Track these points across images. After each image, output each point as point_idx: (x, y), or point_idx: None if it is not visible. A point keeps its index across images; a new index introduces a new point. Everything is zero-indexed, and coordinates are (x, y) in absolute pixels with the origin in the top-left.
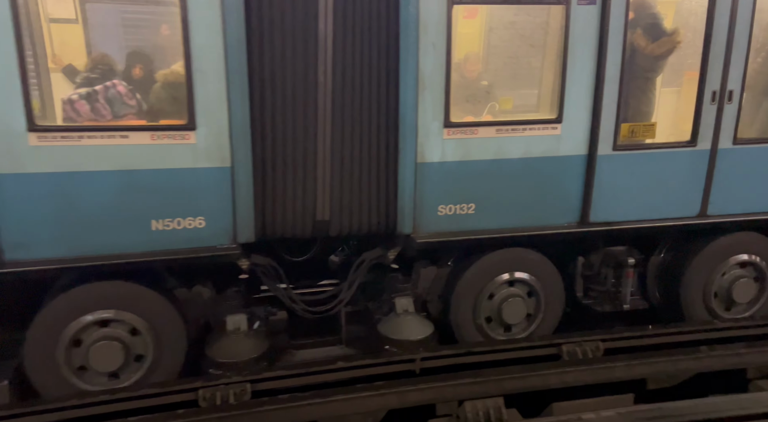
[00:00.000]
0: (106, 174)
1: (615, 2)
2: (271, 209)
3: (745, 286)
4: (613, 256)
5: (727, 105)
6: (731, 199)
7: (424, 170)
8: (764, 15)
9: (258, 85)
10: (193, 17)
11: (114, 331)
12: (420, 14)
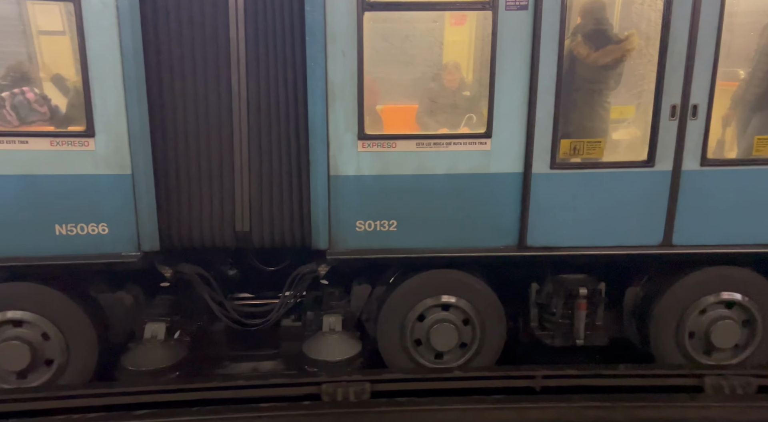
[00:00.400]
0: (7, 178)
1: (548, 7)
2: (180, 218)
3: (727, 329)
4: (564, 285)
5: (691, 121)
6: (704, 228)
7: (339, 183)
8: (739, 19)
9: (161, 94)
10: (88, 24)
11: (22, 332)
12: (327, 21)
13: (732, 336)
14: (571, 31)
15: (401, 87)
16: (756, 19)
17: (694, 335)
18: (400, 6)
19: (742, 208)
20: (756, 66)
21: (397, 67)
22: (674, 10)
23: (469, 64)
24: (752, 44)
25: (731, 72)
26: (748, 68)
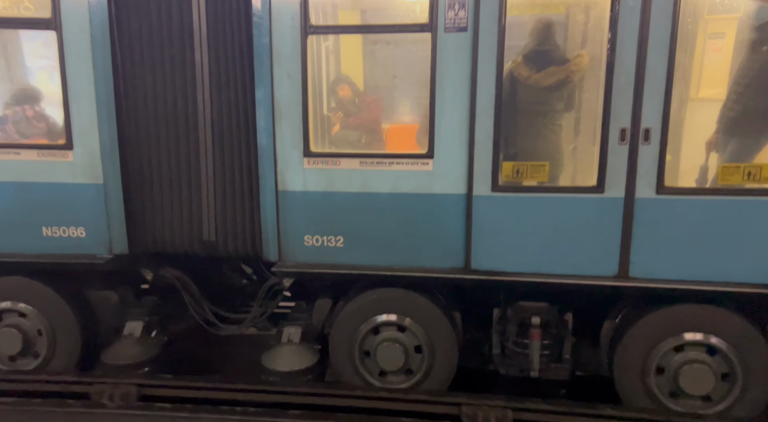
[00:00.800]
0: (4, 184)
1: (485, 28)
2: (148, 225)
3: (697, 374)
4: (518, 313)
5: (644, 146)
6: (665, 261)
7: (286, 198)
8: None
9: (131, 111)
10: (67, 49)
11: (14, 319)
12: (273, 44)
13: (703, 382)
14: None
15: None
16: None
17: (662, 376)
18: (341, 29)
19: (708, 242)
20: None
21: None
22: (620, 29)
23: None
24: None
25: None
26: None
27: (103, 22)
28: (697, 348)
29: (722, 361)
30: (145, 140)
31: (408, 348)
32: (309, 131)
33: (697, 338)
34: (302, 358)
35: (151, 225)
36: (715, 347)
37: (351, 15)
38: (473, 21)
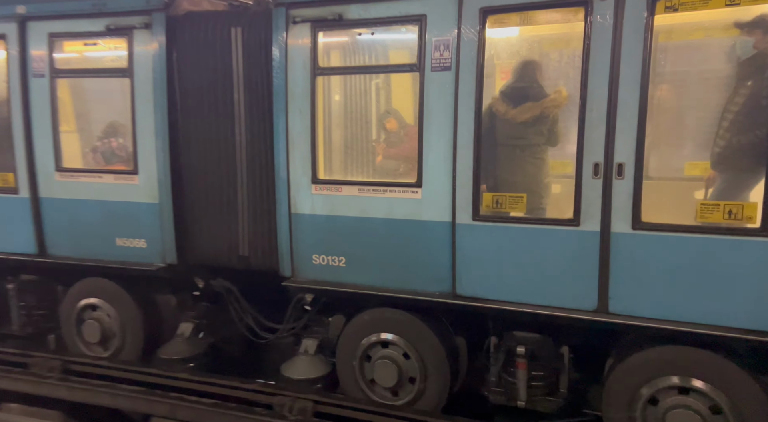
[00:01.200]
0: (91, 202)
1: (465, 67)
2: (194, 240)
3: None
4: (507, 342)
5: (618, 181)
6: (645, 298)
7: (298, 220)
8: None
9: (183, 141)
10: (137, 90)
11: (96, 314)
12: (288, 84)
13: None
14: (495, 88)
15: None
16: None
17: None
18: (343, 70)
19: (687, 281)
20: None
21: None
22: (591, 66)
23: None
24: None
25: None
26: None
27: (162, 70)
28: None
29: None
30: (192, 167)
31: (402, 368)
32: (317, 160)
33: (683, 383)
34: (315, 368)
35: (197, 240)
36: (702, 392)
37: (356, 58)
38: (455, 61)
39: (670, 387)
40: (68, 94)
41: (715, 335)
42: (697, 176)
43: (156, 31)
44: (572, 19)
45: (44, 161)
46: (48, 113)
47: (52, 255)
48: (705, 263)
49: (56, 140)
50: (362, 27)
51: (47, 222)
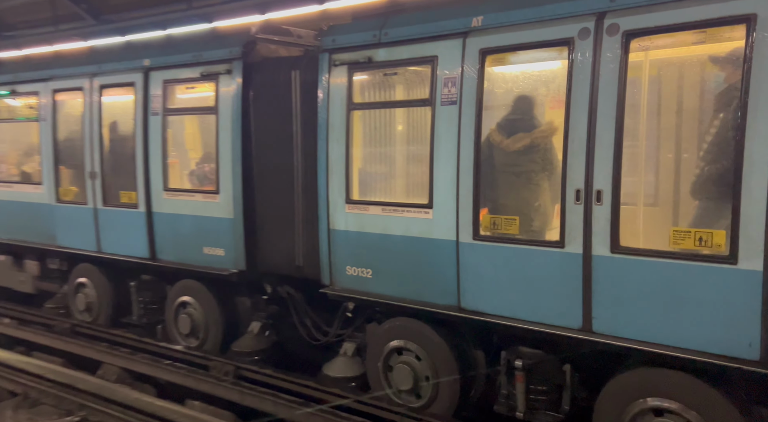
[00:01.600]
0: (187, 216)
1: (467, 101)
2: (260, 251)
3: None
4: (509, 355)
5: (597, 206)
6: (624, 319)
7: (335, 235)
8: None
9: (253, 166)
10: (220, 124)
11: (188, 310)
12: (329, 118)
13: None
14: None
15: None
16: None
17: None
18: (371, 105)
19: (664, 304)
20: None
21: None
22: (573, 99)
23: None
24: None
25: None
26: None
27: (238, 108)
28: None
29: None
30: (261, 188)
31: (418, 373)
32: (350, 183)
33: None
34: (351, 368)
35: (264, 250)
36: (676, 412)
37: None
38: (459, 96)
39: (649, 408)
40: (174, 128)
41: (684, 358)
42: (673, 203)
43: (235, 75)
44: (557, 57)
45: (156, 182)
46: (159, 143)
47: (160, 260)
48: (678, 288)
49: (165, 165)
50: (387, 68)
51: (157, 232)
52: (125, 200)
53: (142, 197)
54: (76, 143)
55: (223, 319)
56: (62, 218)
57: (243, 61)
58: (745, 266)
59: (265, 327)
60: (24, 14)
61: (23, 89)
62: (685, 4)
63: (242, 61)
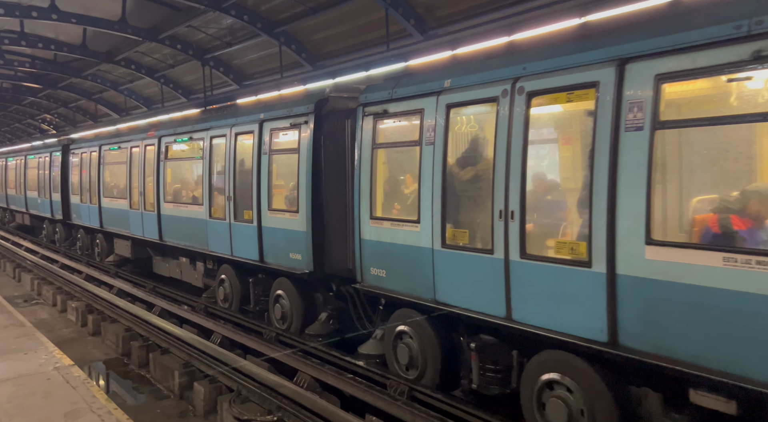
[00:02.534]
0: (281, 230)
1: (438, 142)
2: (325, 257)
3: (555, 407)
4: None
5: (511, 222)
6: (530, 310)
7: (364, 243)
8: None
9: (320, 191)
10: (300, 160)
11: (281, 301)
12: (361, 155)
13: (560, 414)
14: (453, 157)
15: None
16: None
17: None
18: (385, 145)
19: (553, 299)
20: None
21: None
22: (497, 141)
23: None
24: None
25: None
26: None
27: (310, 149)
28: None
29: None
30: (326, 208)
31: (412, 349)
32: (373, 204)
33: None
34: (377, 349)
35: (327, 256)
36: (569, 386)
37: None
38: (434, 139)
39: (544, 383)
40: (277, 164)
41: (564, 340)
42: (557, 220)
43: (310, 124)
44: (490, 110)
45: (264, 204)
46: (267, 175)
47: (266, 262)
48: (560, 286)
49: (270, 191)
50: (396, 117)
51: (264, 241)
52: (247, 217)
53: (255, 214)
54: (222, 175)
55: (303, 309)
56: (212, 230)
57: (315, 114)
58: (596, 269)
59: (330, 316)
60: (258, 65)
61: (196, 136)
62: (560, 73)
63: (314, 114)
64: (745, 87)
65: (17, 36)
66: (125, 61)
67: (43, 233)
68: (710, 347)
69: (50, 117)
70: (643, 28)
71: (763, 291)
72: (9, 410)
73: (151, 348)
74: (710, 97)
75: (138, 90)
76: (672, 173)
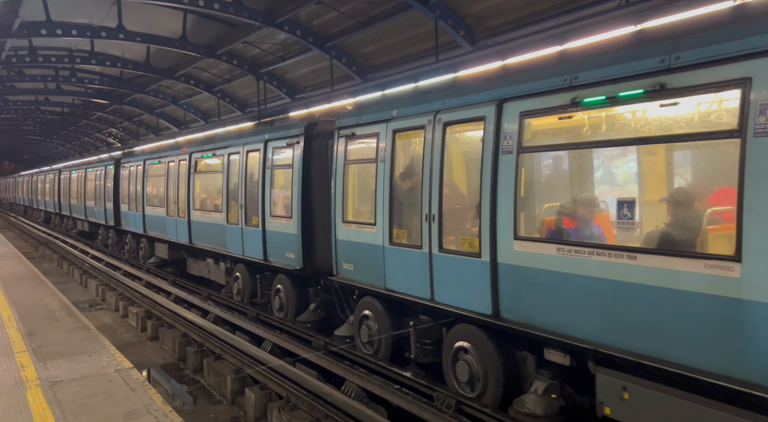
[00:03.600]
0: (279, 233)
1: (387, 160)
2: (313, 255)
3: (461, 367)
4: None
5: (433, 224)
6: (447, 292)
7: (338, 243)
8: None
9: (308, 200)
10: (294, 175)
11: (279, 294)
12: (336, 169)
13: (464, 374)
14: (398, 172)
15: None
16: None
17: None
18: (351, 161)
19: (460, 283)
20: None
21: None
22: (424, 161)
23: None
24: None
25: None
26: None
27: (300, 164)
28: (464, 352)
29: (475, 359)
30: (314, 214)
31: (372, 330)
32: (345, 210)
33: (463, 345)
34: (350, 331)
35: (314, 255)
36: (469, 351)
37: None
38: (385, 156)
39: (455, 350)
40: (276, 177)
41: (468, 316)
42: (463, 221)
43: (301, 144)
44: (422, 135)
45: (267, 211)
46: (269, 187)
47: (270, 261)
48: (463, 272)
49: (272, 200)
50: (361, 139)
51: (267, 243)
52: (254, 222)
53: (261, 219)
54: (236, 186)
55: (297, 300)
56: (228, 234)
57: (305, 135)
58: (484, 259)
59: (317, 306)
60: (310, 79)
61: (218, 153)
62: (464, 108)
63: (304, 135)
64: (568, 123)
65: (88, 55)
66: (185, 77)
67: (99, 238)
68: (552, 315)
69: (115, 131)
70: (514, 78)
71: (578, 272)
72: (74, 409)
73: (206, 354)
74: (551, 129)
75: (196, 104)
76: (530, 185)
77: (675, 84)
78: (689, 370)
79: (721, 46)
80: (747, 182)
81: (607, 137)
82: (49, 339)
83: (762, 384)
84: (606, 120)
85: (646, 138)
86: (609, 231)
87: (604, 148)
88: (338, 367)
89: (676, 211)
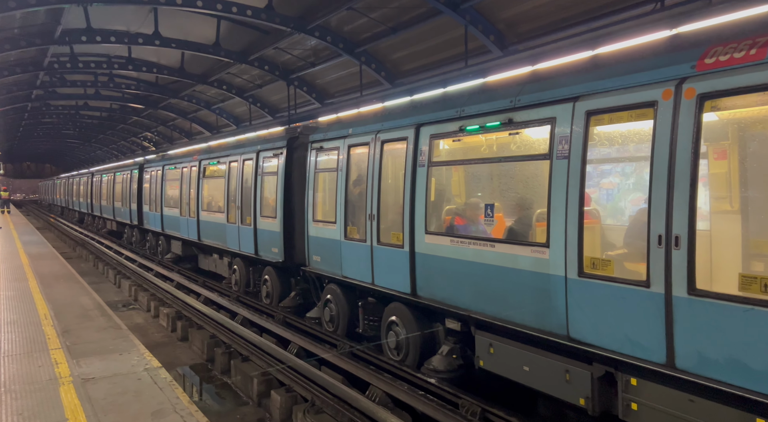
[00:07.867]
0: (266, 231)
1: (344, 169)
2: (293, 250)
3: (390, 337)
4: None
5: (373, 222)
6: (383, 277)
7: (309, 238)
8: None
9: (293, 202)
10: (278, 180)
11: (267, 283)
12: (310, 176)
13: (393, 341)
14: (351, 179)
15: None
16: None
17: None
18: (321, 170)
19: (389, 268)
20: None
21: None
22: (368, 171)
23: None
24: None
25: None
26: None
27: (283, 170)
28: (394, 324)
29: (401, 330)
30: (295, 214)
31: (333, 311)
32: (315, 211)
33: (393, 319)
34: (319, 313)
35: (294, 250)
36: (398, 323)
37: (327, 164)
38: (342, 166)
39: (390, 322)
40: (265, 182)
41: (396, 295)
42: (394, 221)
43: (284, 153)
44: (366, 149)
45: (257, 211)
46: (260, 190)
47: (259, 255)
48: (392, 260)
49: (261, 202)
50: (327, 151)
51: (258, 240)
52: (248, 221)
53: (253, 219)
54: (234, 190)
55: (280, 289)
56: (228, 231)
57: (287, 146)
58: (405, 249)
59: (297, 294)
60: (339, 85)
61: (221, 160)
62: (395, 129)
63: (287, 146)
64: (459, 145)
65: (125, 61)
66: (217, 82)
67: (125, 236)
68: (447, 292)
69: (150, 135)
70: (428, 107)
71: (461, 258)
72: (105, 406)
73: (233, 355)
74: (450, 149)
75: (228, 109)
76: (437, 192)
77: (517, 119)
78: (522, 327)
79: (541, 94)
80: (552, 191)
81: (479, 155)
82: (82, 336)
83: (557, 333)
84: (480, 143)
85: (504, 158)
86: (480, 227)
87: (478, 164)
88: (364, 372)
89: (519, 211)
